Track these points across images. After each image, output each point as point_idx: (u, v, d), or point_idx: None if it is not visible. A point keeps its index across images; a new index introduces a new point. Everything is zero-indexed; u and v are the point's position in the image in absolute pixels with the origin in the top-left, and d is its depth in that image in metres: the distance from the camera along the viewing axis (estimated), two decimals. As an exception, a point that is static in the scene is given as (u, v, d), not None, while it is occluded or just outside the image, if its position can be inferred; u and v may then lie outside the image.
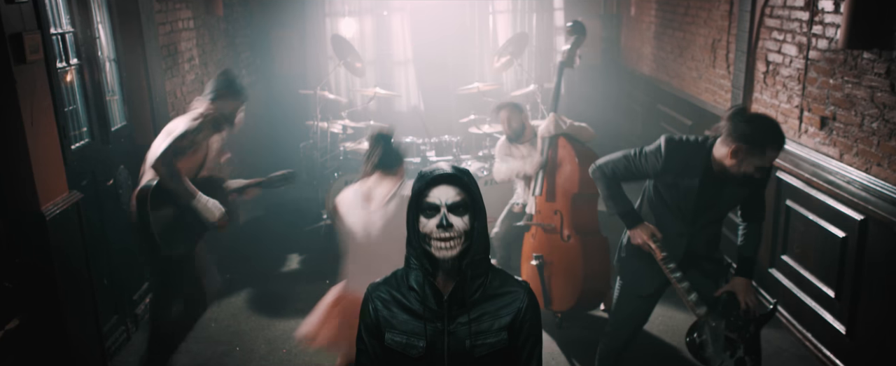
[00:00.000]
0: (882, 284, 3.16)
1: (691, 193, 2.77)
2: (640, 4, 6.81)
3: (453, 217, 1.72)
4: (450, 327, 1.78)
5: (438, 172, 1.76)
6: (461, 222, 1.73)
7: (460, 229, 1.73)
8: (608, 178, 2.93)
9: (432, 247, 1.73)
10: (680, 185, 2.78)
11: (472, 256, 1.76)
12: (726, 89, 4.83)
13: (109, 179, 3.88)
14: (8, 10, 2.75)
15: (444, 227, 1.71)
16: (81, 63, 3.72)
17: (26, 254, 2.93)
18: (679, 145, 2.77)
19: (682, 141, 2.79)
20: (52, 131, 3.05)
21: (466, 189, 1.76)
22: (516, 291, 1.83)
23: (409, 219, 1.78)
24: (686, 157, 2.75)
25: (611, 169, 2.92)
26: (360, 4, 7.31)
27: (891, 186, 3.14)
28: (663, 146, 2.78)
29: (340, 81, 7.31)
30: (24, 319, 2.90)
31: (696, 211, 2.81)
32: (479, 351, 1.78)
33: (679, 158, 2.75)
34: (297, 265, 5.03)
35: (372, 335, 1.85)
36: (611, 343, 3.18)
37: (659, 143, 2.81)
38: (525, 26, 7.43)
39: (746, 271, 2.89)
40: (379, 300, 1.84)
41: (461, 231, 1.73)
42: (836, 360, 3.51)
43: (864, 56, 3.29)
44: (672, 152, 2.76)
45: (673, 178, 2.78)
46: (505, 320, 1.80)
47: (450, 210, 1.73)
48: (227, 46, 6.00)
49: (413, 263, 1.80)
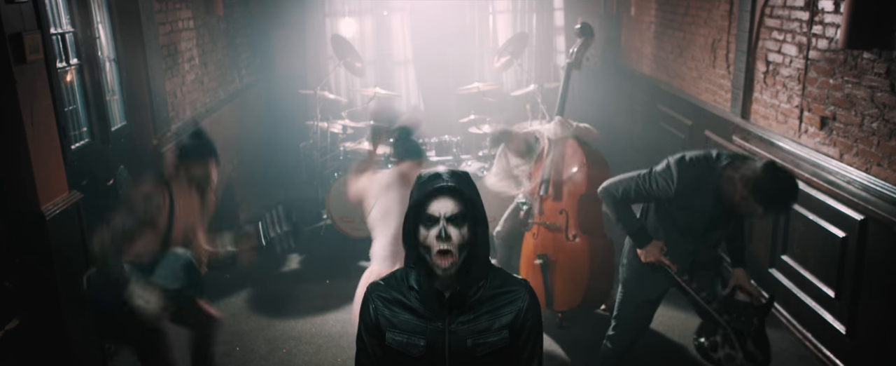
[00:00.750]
0: (882, 284, 3.16)
1: (703, 215, 2.76)
2: (640, 4, 6.81)
3: (452, 229, 1.72)
4: (451, 327, 1.78)
5: (438, 185, 1.74)
6: (459, 235, 1.72)
7: (459, 242, 1.72)
8: (618, 200, 2.90)
9: (431, 261, 1.74)
10: (691, 208, 2.76)
11: (472, 263, 1.76)
12: (726, 89, 4.83)
13: (109, 179, 3.88)
14: (8, 10, 2.75)
15: (444, 238, 1.71)
16: (81, 63, 3.72)
17: (26, 254, 2.93)
18: (690, 166, 2.72)
19: (692, 161, 2.74)
20: (52, 131, 3.05)
21: (466, 200, 1.75)
22: (517, 290, 1.83)
23: (407, 226, 1.78)
24: (697, 178, 2.71)
25: (622, 192, 2.89)
26: (360, 4, 7.31)
27: (891, 186, 3.14)
28: (674, 169, 2.73)
29: (340, 81, 7.31)
30: (24, 319, 2.90)
31: (706, 231, 2.82)
32: (480, 350, 1.78)
33: (690, 179, 2.71)
34: (297, 265, 5.03)
35: (372, 335, 1.85)
36: (614, 346, 3.18)
37: (668, 163, 2.77)
38: (525, 26, 7.43)
39: (741, 261, 2.90)
40: (379, 300, 1.84)
41: (460, 243, 1.73)
42: (836, 360, 3.51)
43: (864, 56, 3.29)
44: (683, 175, 2.71)
45: (685, 200, 2.75)
46: (506, 320, 1.80)
47: (449, 221, 1.72)
48: (227, 46, 6.00)
49: (413, 263, 1.80)
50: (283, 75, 7.32)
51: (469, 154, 5.71)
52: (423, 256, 1.76)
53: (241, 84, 6.36)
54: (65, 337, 3.07)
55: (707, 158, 2.74)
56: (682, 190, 2.72)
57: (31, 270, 2.94)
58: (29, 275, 2.94)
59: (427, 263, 1.75)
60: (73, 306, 3.09)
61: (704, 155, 2.76)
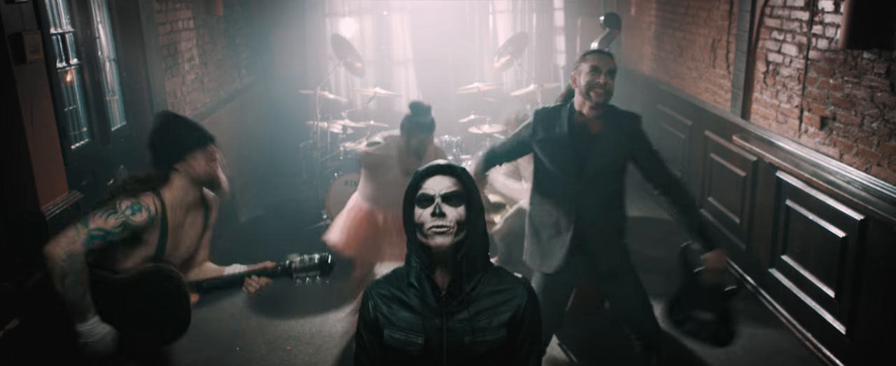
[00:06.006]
0: (882, 284, 3.16)
1: (563, 143, 2.82)
2: (640, 4, 6.81)
3: (447, 207, 1.72)
4: (448, 324, 1.78)
5: (433, 164, 1.77)
6: (455, 213, 1.73)
7: (455, 219, 1.72)
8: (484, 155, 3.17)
9: (427, 236, 1.73)
10: (551, 138, 2.85)
11: (468, 248, 1.76)
12: (726, 89, 4.83)
13: (109, 179, 3.88)
14: (8, 10, 2.75)
15: (439, 215, 1.71)
16: (81, 63, 3.72)
17: (26, 254, 2.93)
18: (543, 109, 2.97)
19: (546, 107, 3.01)
20: (52, 131, 3.05)
21: (461, 181, 1.76)
22: (516, 288, 1.84)
23: (405, 212, 1.78)
24: (549, 113, 2.91)
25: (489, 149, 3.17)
26: (360, 4, 7.31)
27: (891, 186, 3.14)
28: (531, 116, 2.98)
29: (340, 81, 7.31)
30: (24, 319, 2.90)
31: (576, 162, 2.81)
32: (479, 348, 1.79)
33: (544, 116, 2.91)
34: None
35: (371, 332, 1.85)
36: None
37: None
38: (525, 26, 7.43)
39: (708, 241, 2.79)
40: (378, 297, 1.84)
41: (455, 221, 1.72)
42: (836, 360, 3.51)
43: (864, 56, 3.29)
44: (538, 115, 2.93)
45: (543, 133, 2.87)
46: (504, 317, 1.80)
47: (444, 200, 1.73)
48: (227, 46, 6.00)
49: (414, 260, 1.80)
50: (283, 75, 7.32)
51: (469, 154, 5.71)
52: (421, 245, 1.76)
53: (241, 84, 6.36)
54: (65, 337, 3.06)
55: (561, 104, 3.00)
56: (537, 127, 2.90)
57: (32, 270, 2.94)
58: (29, 275, 2.94)
59: (424, 255, 1.75)
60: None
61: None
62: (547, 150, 2.87)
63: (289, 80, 7.25)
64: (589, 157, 2.80)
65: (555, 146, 2.84)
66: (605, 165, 2.83)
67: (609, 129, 2.82)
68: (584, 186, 2.82)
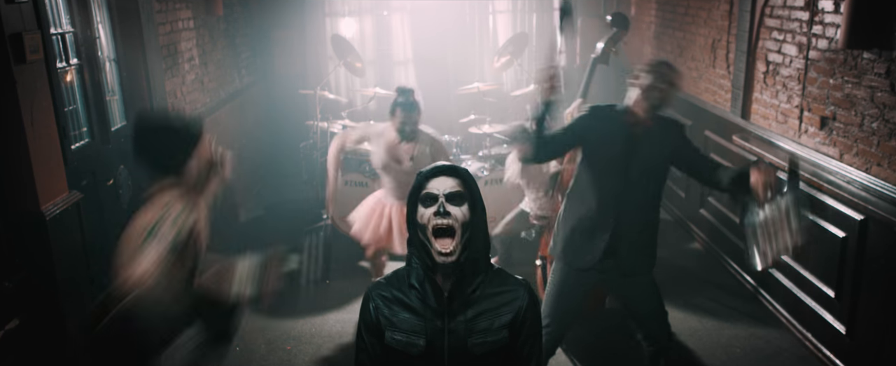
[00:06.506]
0: (882, 284, 3.16)
1: (615, 140, 2.82)
2: (640, 4, 6.81)
3: (451, 206, 1.72)
4: (450, 326, 1.78)
5: (437, 165, 1.77)
6: (459, 212, 1.73)
7: (459, 219, 1.72)
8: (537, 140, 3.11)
9: (431, 246, 1.73)
10: (603, 140, 2.85)
11: (470, 250, 1.76)
12: (726, 89, 4.83)
13: (109, 179, 3.88)
14: (8, 10, 2.75)
15: (442, 214, 1.71)
16: (81, 63, 3.72)
17: (26, 254, 2.93)
18: (598, 106, 2.98)
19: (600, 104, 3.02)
20: (52, 131, 3.05)
21: (464, 181, 1.76)
22: (517, 289, 1.84)
23: (408, 214, 1.78)
24: (604, 110, 2.92)
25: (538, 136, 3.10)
26: (360, 4, 7.31)
27: (891, 186, 3.14)
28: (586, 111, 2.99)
29: (340, 81, 7.30)
30: (24, 319, 2.90)
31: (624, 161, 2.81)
32: (480, 349, 1.78)
33: (598, 112, 2.92)
34: (296, 265, 5.03)
35: (372, 334, 1.85)
36: None
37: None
38: (525, 26, 7.43)
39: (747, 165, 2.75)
40: (380, 299, 1.84)
41: (459, 221, 1.72)
42: (836, 360, 3.51)
43: (864, 56, 3.29)
44: (593, 111, 2.95)
45: (597, 129, 2.87)
46: (505, 319, 1.80)
47: (448, 199, 1.73)
48: (227, 46, 6.00)
49: (415, 261, 1.80)
50: (283, 75, 7.32)
51: (469, 154, 5.71)
52: (423, 243, 1.75)
53: (241, 84, 6.36)
54: (64, 337, 3.07)
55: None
56: (591, 122, 2.90)
57: (32, 270, 2.94)
58: (29, 275, 2.94)
59: (426, 256, 1.75)
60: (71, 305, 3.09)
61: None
62: (596, 146, 2.87)
63: (289, 80, 7.24)
64: (635, 157, 2.82)
65: (605, 143, 2.85)
66: (651, 166, 2.86)
67: (657, 131, 2.84)
68: (627, 186, 2.83)
